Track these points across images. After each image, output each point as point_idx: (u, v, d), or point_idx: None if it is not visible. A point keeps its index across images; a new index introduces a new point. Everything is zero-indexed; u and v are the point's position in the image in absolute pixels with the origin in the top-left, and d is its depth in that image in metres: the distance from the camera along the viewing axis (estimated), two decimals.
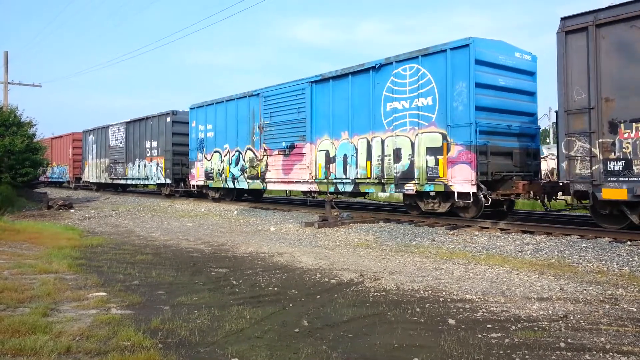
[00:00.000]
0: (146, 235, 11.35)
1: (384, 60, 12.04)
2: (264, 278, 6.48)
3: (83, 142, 30.91)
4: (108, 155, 27.01)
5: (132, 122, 24.87)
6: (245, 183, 16.94)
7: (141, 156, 23.62)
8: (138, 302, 5.24)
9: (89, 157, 29.82)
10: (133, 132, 24.55)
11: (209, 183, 18.84)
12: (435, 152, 10.88)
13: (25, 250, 8.60)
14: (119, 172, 25.84)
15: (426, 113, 11.10)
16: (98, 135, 28.64)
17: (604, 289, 5.69)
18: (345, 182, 13.12)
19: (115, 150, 26.24)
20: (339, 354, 3.74)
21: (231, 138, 17.55)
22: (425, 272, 6.78)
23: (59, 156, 34.89)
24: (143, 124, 23.65)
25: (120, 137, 25.88)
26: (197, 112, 19.52)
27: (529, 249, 8.14)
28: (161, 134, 22.01)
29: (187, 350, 3.82)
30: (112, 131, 26.81)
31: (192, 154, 19.86)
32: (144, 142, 23.40)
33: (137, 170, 24.03)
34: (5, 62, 30.35)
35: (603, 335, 4.07)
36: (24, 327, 4.16)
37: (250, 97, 16.54)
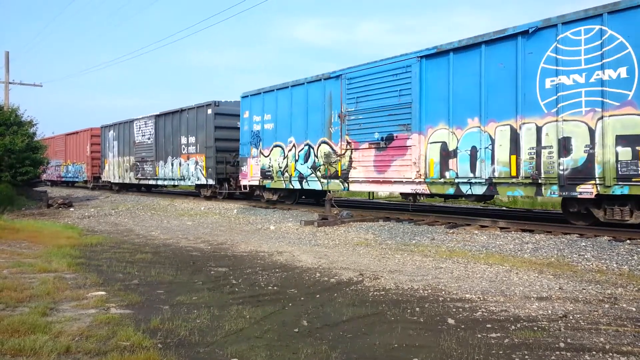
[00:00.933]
0: (146, 234, 11.35)
1: (541, 23, 9.19)
2: (263, 277, 6.48)
3: (102, 139, 28.27)
4: (133, 153, 24.17)
5: (162, 115, 21.99)
6: (317, 183, 13.89)
7: (175, 154, 20.97)
8: (137, 301, 5.24)
9: (109, 154, 27.08)
10: (164, 127, 21.75)
11: (266, 183, 15.85)
12: (633, 142, 8.09)
13: (25, 249, 8.60)
14: (147, 171, 23.08)
15: (617, 89, 8.30)
16: (120, 130, 25.77)
17: (603, 288, 5.69)
18: (474, 182, 10.22)
19: (142, 147, 23.47)
20: (339, 354, 3.74)
21: (298, 130, 14.54)
22: (424, 271, 6.78)
23: (74, 153, 32.01)
24: (176, 117, 20.86)
25: (147, 132, 23.01)
26: (251, 100, 16.57)
27: (529, 247, 8.14)
28: (200, 128, 19.31)
29: (187, 350, 3.82)
30: (137, 126, 23.98)
31: (244, 149, 16.84)
32: (177, 138, 20.73)
33: (169, 170, 21.35)
34: (6, 62, 30.31)
35: (602, 335, 4.07)
36: (23, 326, 4.16)
37: (327, 81, 13.65)
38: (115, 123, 26.30)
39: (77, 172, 31.57)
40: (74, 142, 32.19)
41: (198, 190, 20.97)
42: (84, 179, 30.66)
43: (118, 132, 26.03)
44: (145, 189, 27.02)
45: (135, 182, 24.48)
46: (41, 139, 31.53)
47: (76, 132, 31.67)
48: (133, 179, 24.31)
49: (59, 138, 34.72)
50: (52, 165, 33.43)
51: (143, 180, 23.73)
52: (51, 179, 36.23)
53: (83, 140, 30.51)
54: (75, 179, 32.45)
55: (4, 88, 30.36)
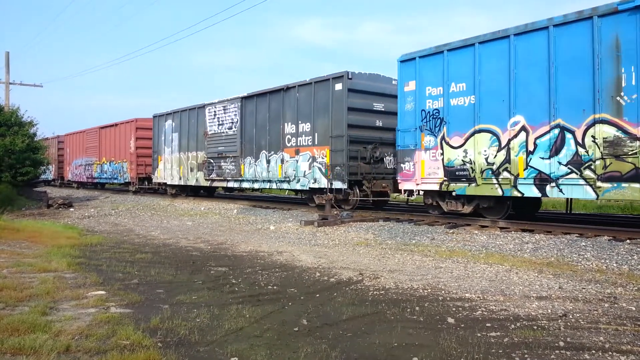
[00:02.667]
0: (145, 234, 11.36)
1: None
2: (263, 277, 6.48)
3: (155, 131, 22.79)
4: (203, 148, 18.97)
5: (252, 97, 16.53)
6: (582, 190, 8.72)
7: (273, 147, 15.60)
8: (137, 300, 5.24)
9: (165, 150, 21.78)
10: (255, 112, 16.37)
11: (456, 188, 10.65)
12: None
13: (25, 248, 8.60)
14: (226, 170, 17.78)
15: None
16: (183, 119, 20.45)
17: (603, 287, 5.69)
18: None
19: (219, 139, 18.15)
20: (339, 353, 3.74)
21: (532, 103, 9.38)
22: (424, 270, 6.78)
23: (111, 150, 26.93)
24: (276, 98, 15.55)
25: (228, 120, 17.64)
26: (419, 65, 11.35)
27: (528, 247, 8.15)
28: (321, 110, 13.87)
29: (187, 349, 3.82)
30: (210, 112, 18.65)
31: (406, 138, 11.68)
32: (278, 126, 15.39)
33: (263, 168, 15.94)
34: (7, 62, 30.31)
35: (602, 334, 4.07)
36: (23, 325, 4.15)
37: (605, 18, 8.44)
38: (176, 110, 21.13)
39: (115, 172, 26.37)
40: (112, 136, 26.90)
41: (309, 196, 15.17)
42: (126, 180, 25.40)
43: (179, 122, 20.73)
44: (223, 191, 22.20)
45: (205, 185, 19.21)
46: (65, 134, 30.18)
47: (115, 124, 26.60)
48: (202, 179, 19.05)
49: (91, 132, 29.71)
50: (80, 164, 30.61)
51: (219, 182, 18.44)
52: (79, 179, 31.72)
53: (125, 133, 25.36)
54: (113, 180, 27.23)
55: (4, 88, 30.37)
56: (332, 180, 13.43)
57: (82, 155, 30.60)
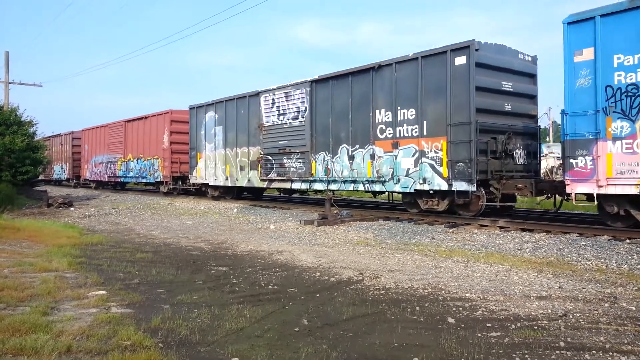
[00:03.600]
0: (146, 233, 11.36)
1: None
2: (263, 276, 6.49)
3: (192, 124, 19.80)
4: (258, 142, 15.99)
5: (328, 79, 13.56)
6: None
7: (358, 140, 12.67)
8: (138, 300, 5.25)
9: (206, 146, 18.79)
10: (331, 98, 13.40)
11: None
12: None
13: (25, 248, 8.60)
14: (291, 169, 14.75)
15: None
16: (229, 110, 17.41)
17: (603, 287, 5.70)
18: None
19: (279, 132, 15.21)
20: (339, 353, 3.75)
21: None
22: (424, 270, 6.79)
23: (139, 145, 23.96)
24: (364, 79, 12.55)
25: (292, 109, 14.71)
26: (604, 25, 8.70)
27: (528, 247, 8.15)
28: (431, 93, 11.04)
29: (188, 349, 3.83)
30: (267, 100, 15.63)
31: (578, 123, 8.95)
32: (365, 114, 12.46)
33: (344, 166, 12.95)
34: (6, 61, 30.30)
35: (602, 334, 4.08)
36: (24, 326, 4.16)
37: None
38: (219, 100, 18.09)
39: (145, 170, 23.44)
40: (140, 130, 23.95)
41: (410, 200, 12.18)
42: (157, 180, 22.51)
43: (224, 113, 17.74)
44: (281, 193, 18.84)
45: (261, 186, 16.36)
46: (82, 129, 28.30)
47: (144, 116, 23.54)
48: (256, 180, 16.25)
49: (114, 126, 26.69)
50: (101, 162, 27.78)
51: (280, 183, 15.56)
52: (99, 179, 28.61)
53: (157, 127, 22.44)
54: (142, 179, 24.21)
55: (4, 88, 30.36)
56: (452, 181, 10.59)
57: (104, 151, 27.60)
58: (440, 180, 10.86)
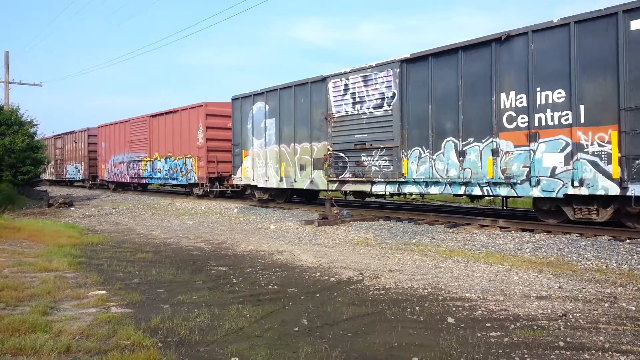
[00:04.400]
0: (146, 233, 11.37)
1: None
2: (263, 276, 6.49)
3: (235, 118, 17.20)
4: (324, 137, 13.48)
5: (426, 56, 11.04)
6: None
7: (473, 132, 10.19)
8: (138, 300, 5.25)
9: (254, 142, 16.31)
10: (430, 80, 10.92)
11: None
12: None
13: (26, 248, 8.61)
14: (373, 168, 12.15)
15: None
16: (285, 100, 14.93)
17: (603, 287, 5.70)
18: None
19: (355, 123, 12.61)
20: (339, 353, 3.75)
21: None
22: (424, 270, 6.79)
23: (168, 143, 21.42)
24: (482, 55, 10.06)
25: (374, 95, 12.15)
26: None
27: (529, 247, 8.15)
28: (590, 67, 8.68)
29: (187, 349, 3.83)
30: (338, 87, 13.08)
31: None
32: (484, 98, 9.99)
33: (451, 164, 10.49)
34: (6, 61, 30.35)
35: (602, 334, 4.08)
36: (23, 325, 4.17)
37: None
38: (271, 88, 15.57)
39: (175, 170, 21.02)
40: (168, 125, 21.48)
41: (550, 207, 9.67)
42: (190, 181, 20.05)
43: (278, 103, 15.23)
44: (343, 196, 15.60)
45: (330, 188, 13.44)
46: (99, 126, 27.01)
47: (173, 110, 21.25)
48: (320, 181, 13.65)
49: (137, 122, 24.17)
50: (121, 161, 25.60)
51: (355, 185, 12.87)
52: (119, 179, 26.19)
53: (189, 122, 20.00)
54: (171, 181, 21.62)
55: (4, 88, 30.41)
56: (627, 183, 8.17)
57: (124, 150, 25.15)
58: (607, 182, 8.40)
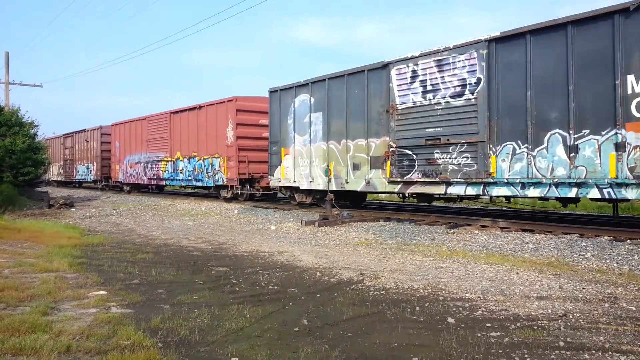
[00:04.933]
0: (147, 234, 11.37)
1: None
2: (264, 277, 6.49)
3: (273, 112, 15.57)
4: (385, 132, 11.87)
5: (520, 35, 9.56)
6: None
7: (588, 123, 8.68)
8: (138, 300, 5.26)
9: (296, 139, 14.60)
10: (528, 61, 9.40)
11: None
12: None
13: (26, 248, 8.62)
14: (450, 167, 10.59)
15: None
16: (334, 91, 13.27)
17: (603, 287, 5.69)
18: None
19: (427, 115, 11.06)
20: (339, 353, 3.75)
21: None
22: (425, 270, 6.79)
23: (192, 141, 19.92)
24: (597, 30, 8.55)
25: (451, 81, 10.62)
26: None
27: (529, 247, 8.15)
28: None
29: (187, 349, 3.83)
30: (403, 74, 11.49)
31: None
32: (603, 82, 8.46)
33: (557, 162, 8.98)
34: (6, 62, 30.39)
35: (602, 334, 4.07)
36: (24, 326, 4.17)
37: None
38: (317, 79, 13.91)
39: (200, 171, 19.40)
40: (192, 122, 19.80)
41: None
42: (217, 183, 18.51)
43: (326, 95, 13.58)
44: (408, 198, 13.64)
45: (390, 190, 12.12)
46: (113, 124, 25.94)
47: (198, 106, 19.34)
48: (379, 182, 11.99)
49: (156, 119, 22.45)
50: (137, 162, 24.08)
51: (426, 186, 11.13)
52: (134, 181, 24.76)
53: (217, 118, 18.38)
54: (196, 183, 19.93)
55: (4, 88, 30.44)
56: None
57: (141, 149, 23.54)
58: None
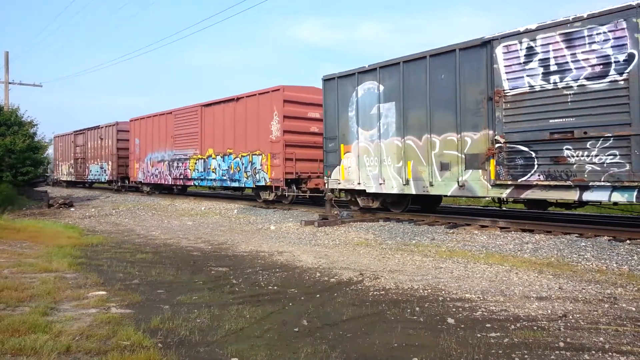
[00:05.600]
0: (146, 234, 11.37)
1: None
2: (263, 277, 6.49)
3: (329, 104, 13.49)
4: (486, 125, 9.86)
5: None
6: None
7: None
8: (138, 301, 5.25)
9: (360, 135, 12.64)
10: None
11: None
12: None
13: (26, 248, 8.61)
14: (587, 167, 8.36)
15: None
16: (412, 75, 11.32)
17: (603, 288, 5.69)
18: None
19: (550, 103, 8.86)
20: (339, 354, 3.75)
21: None
22: (424, 271, 6.78)
23: (227, 137, 17.72)
24: None
25: (587, 60, 8.41)
26: None
27: (529, 247, 8.15)
28: None
29: (187, 349, 3.83)
30: (514, 52, 9.34)
31: None
32: None
33: None
34: (6, 62, 30.38)
35: (602, 335, 4.07)
36: (23, 326, 4.17)
37: None
38: (388, 62, 11.89)
39: (236, 170, 17.26)
40: (228, 116, 17.58)
41: None
42: (260, 183, 16.21)
43: (400, 82, 11.56)
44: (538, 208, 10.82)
45: (493, 195, 10.11)
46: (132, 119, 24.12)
47: (235, 97, 17.04)
48: (481, 185, 9.96)
49: (183, 113, 20.22)
50: (160, 160, 21.99)
51: (550, 191, 9.01)
52: (156, 181, 22.56)
53: (257, 111, 16.17)
54: (232, 183, 17.56)
55: (3, 88, 30.42)
56: None
57: (165, 147, 21.47)
58: None
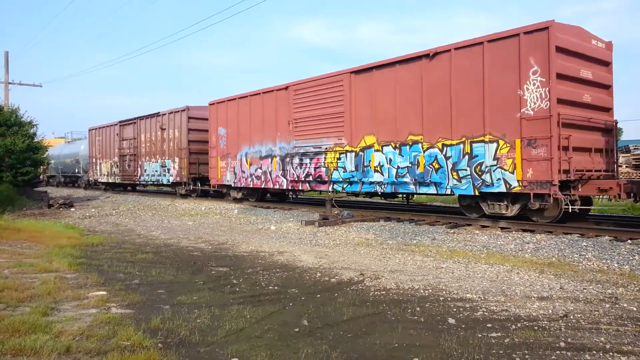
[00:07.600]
0: (147, 234, 11.36)
1: None
2: (264, 277, 6.48)
3: None
4: None
5: None
6: None
7: None
8: (138, 301, 5.25)
9: None
10: None
11: None
12: None
13: (26, 249, 8.60)
14: None
15: None
16: None
17: (604, 287, 5.68)
18: None
19: None
20: (339, 354, 3.74)
21: None
22: (425, 271, 6.77)
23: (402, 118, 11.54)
24: None
25: None
26: None
27: (530, 247, 8.14)
28: None
29: (187, 349, 3.82)
30: None
31: None
32: None
33: None
34: (6, 62, 30.35)
35: (603, 335, 4.06)
36: (24, 326, 4.16)
37: None
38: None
39: (427, 167, 11.08)
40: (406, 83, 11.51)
41: None
42: (497, 186, 9.74)
43: None
44: None
45: None
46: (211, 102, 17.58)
47: (422, 54, 11.07)
48: None
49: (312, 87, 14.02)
50: (264, 155, 15.95)
51: None
52: (257, 184, 16.38)
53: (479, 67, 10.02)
54: (417, 187, 11.43)
55: (3, 88, 30.39)
56: None
57: (276, 136, 15.43)
58: None
